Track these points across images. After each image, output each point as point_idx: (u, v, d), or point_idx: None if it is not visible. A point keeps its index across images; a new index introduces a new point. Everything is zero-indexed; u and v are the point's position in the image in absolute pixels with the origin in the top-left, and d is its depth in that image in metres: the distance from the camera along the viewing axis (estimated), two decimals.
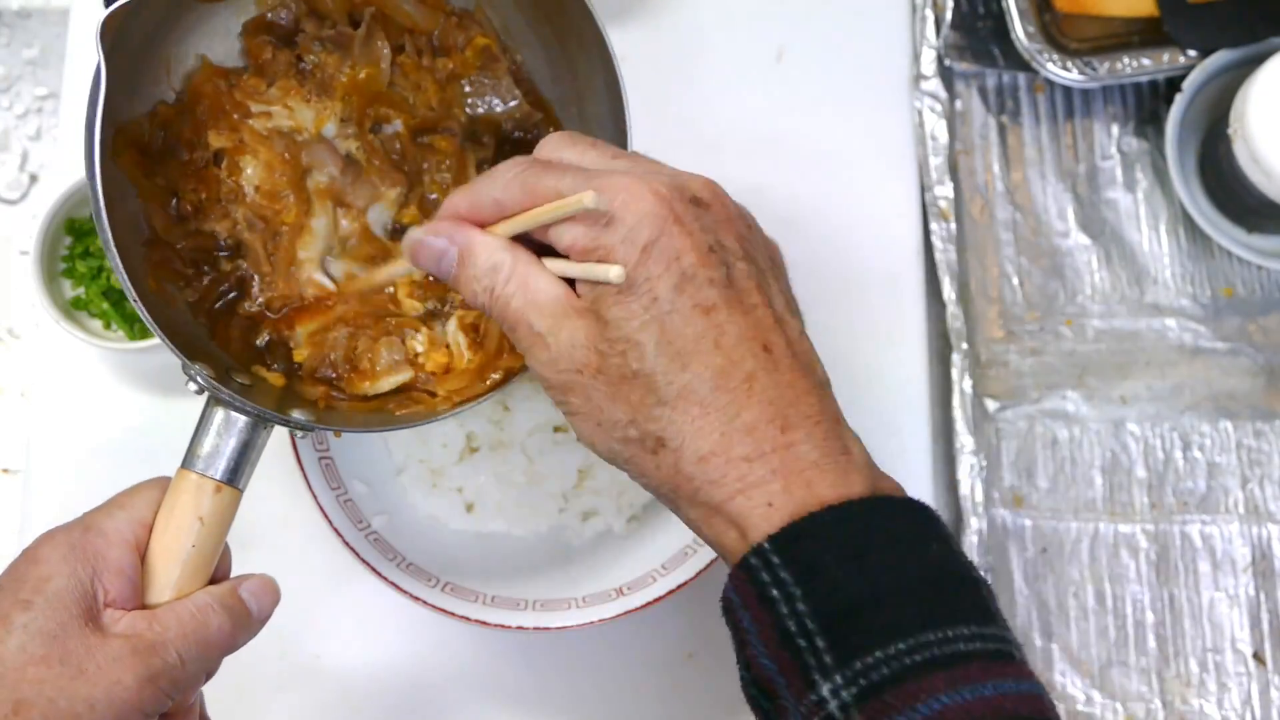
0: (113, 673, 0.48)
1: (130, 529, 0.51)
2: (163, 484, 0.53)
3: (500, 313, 0.49)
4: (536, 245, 0.49)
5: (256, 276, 0.60)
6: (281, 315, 0.61)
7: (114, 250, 0.52)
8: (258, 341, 0.60)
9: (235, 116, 0.60)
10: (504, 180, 0.49)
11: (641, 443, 0.46)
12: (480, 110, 0.63)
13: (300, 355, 0.60)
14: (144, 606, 0.51)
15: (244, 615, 0.53)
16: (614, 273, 0.45)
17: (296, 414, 0.56)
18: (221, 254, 0.60)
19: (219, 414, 0.54)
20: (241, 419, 0.53)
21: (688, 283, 0.45)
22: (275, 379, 0.59)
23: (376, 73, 0.62)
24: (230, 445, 0.53)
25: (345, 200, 0.62)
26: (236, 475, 0.53)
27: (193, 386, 0.54)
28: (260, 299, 0.60)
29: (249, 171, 0.60)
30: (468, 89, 0.63)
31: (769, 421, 0.45)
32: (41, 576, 0.49)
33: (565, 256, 0.48)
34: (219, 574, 0.54)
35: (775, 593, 0.43)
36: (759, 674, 0.44)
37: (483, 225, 0.50)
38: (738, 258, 0.47)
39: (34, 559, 0.49)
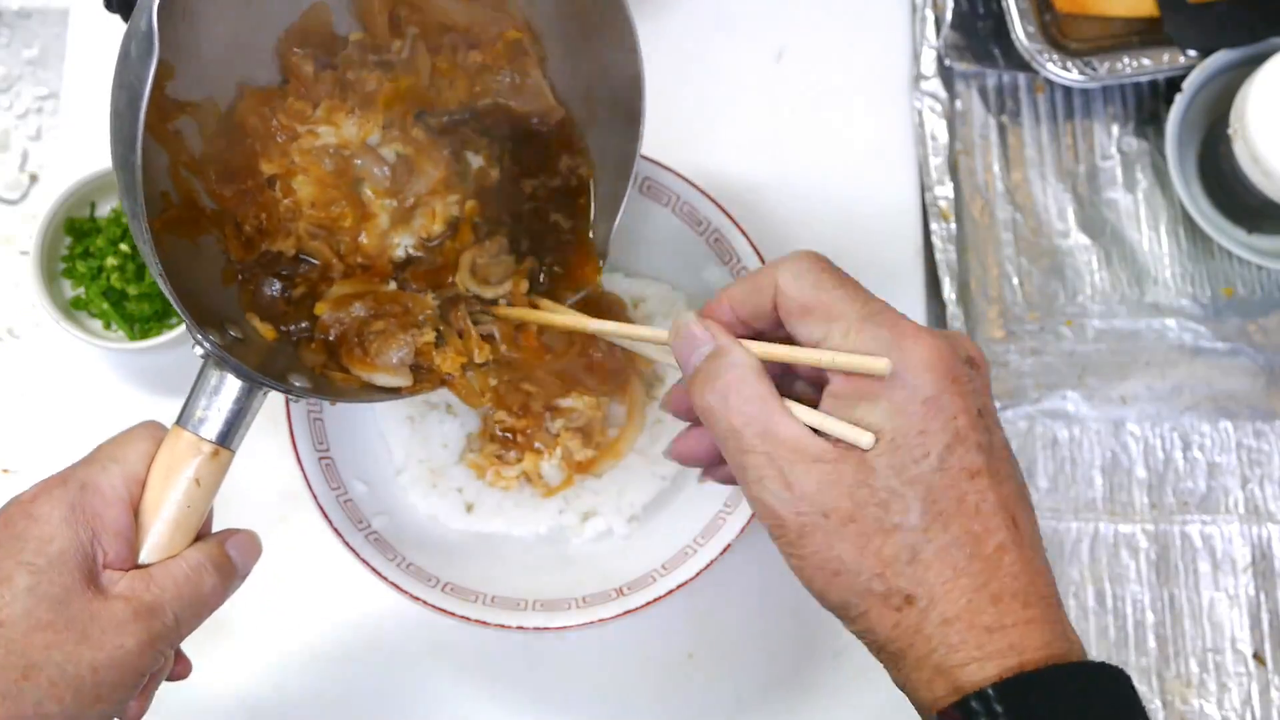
0: (116, 637, 0.49)
1: (125, 486, 0.52)
2: (153, 434, 0.54)
3: (735, 428, 0.47)
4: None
5: (332, 266, 0.62)
6: (325, 276, 0.62)
7: (142, 213, 0.51)
8: (290, 293, 0.61)
9: (283, 140, 0.61)
10: (787, 301, 0.49)
11: (885, 598, 0.45)
12: (509, 103, 0.64)
13: (321, 308, 0.60)
14: (137, 565, 0.52)
15: (231, 572, 0.54)
16: (865, 440, 0.45)
17: (294, 380, 0.57)
18: (292, 266, 0.62)
19: (216, 375, 0.54)
20: (240, 383, 0.54)
21: (959, 444, 0.45)
22: (266, 330, 0.59)
23: (418, 80, 0.62)
24: (227, 407, 0.54)
25: (400, 194, 0.63)
26: (231, 437, 0.54)
27: (199, 350, 0.54)
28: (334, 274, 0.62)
29: (302, 192, 0.61)
30: (504, 80, 0.63)
31: (1013, 596, 0.45)
32: (43, 537, 0.49)
33: (808, 393, 0.49)
34: (201, 530, 0.55)
35: None
36: None
37: (742, 336, 0.50)
38: (995, 423, 0.47)
39: (32, 516, 0.50)
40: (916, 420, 0.45)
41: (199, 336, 0.54)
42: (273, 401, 0.67)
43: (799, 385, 0.51)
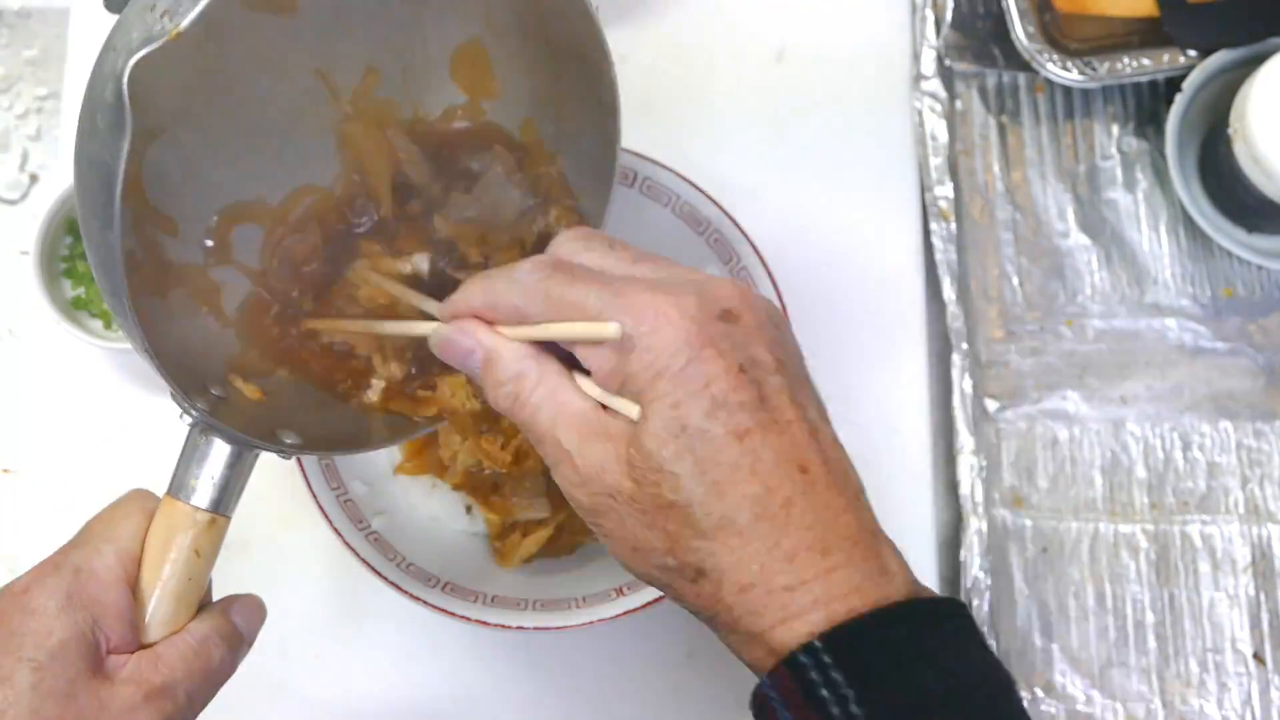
0: None
1: (120, 566, 0.49)
2: (143, 507, 0.52)
3: (526, 422, 0.47)
4: (565, 353, 0.48)
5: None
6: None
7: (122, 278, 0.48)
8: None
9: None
10: (524, 287, 0.47)
11: (680, 572, 0.45)
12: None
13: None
14: (142, 644, 0.50)
15: (239, 640, 0.53)
16: (634, 411, 0.44)
17: (285, 437, 0.54)
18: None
19: (205, 441, 0.52)
20: (230, 446, 0.52)
21: (719, 409, 0.44)
22: (251, 391, 0.56)
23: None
24: (219, 472, 0.52)
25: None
26: (225, 503, 0.52)
27: (187, 419, 0.52)
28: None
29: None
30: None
31: (808, 548, 0.43)
32: (41, 631, 0.47)
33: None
34: (205, 598, 0.53)
35: (825, 693, 0.42)
36: None
37: (497, 324, 0.48)
38: (769, 371, 0.45)
39: (27, 609, 0.48)
40: (668, 394, 0.44)
41: (186, 406, 0.51)
42: None
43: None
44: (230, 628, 0.52)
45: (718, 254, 0.71)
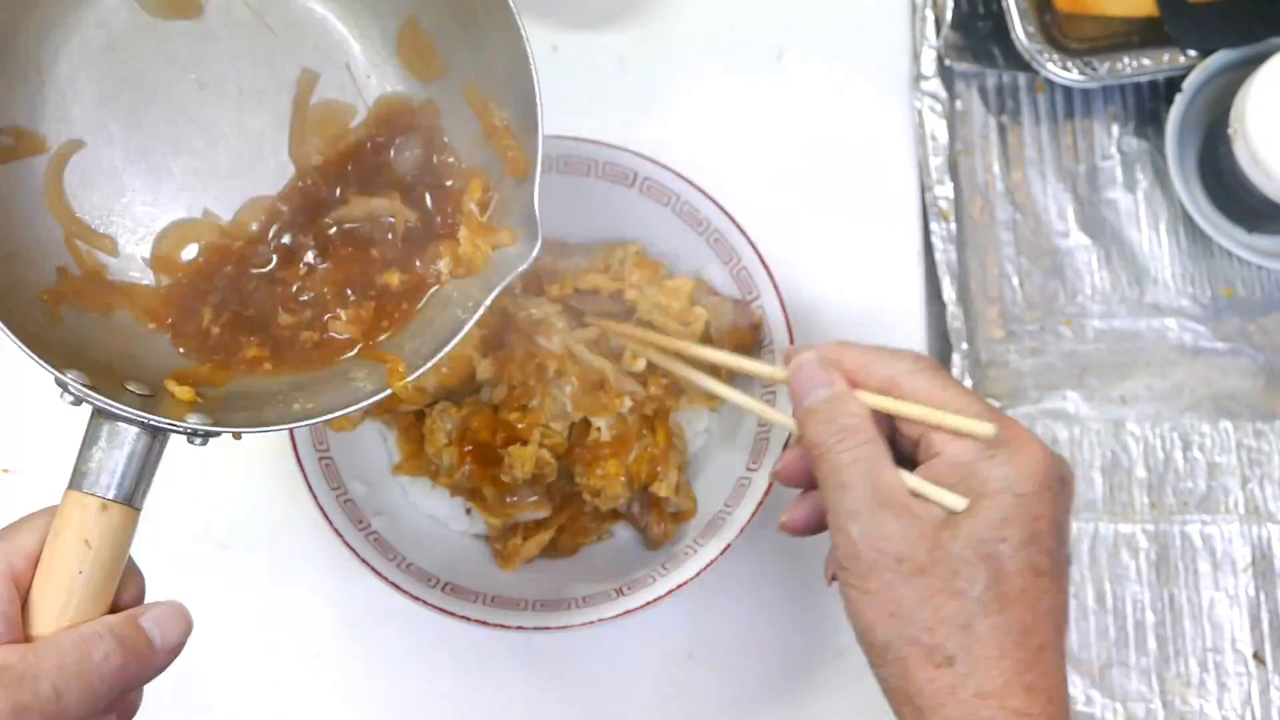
0: None
1: (6, 560, 0.47)
2: (52, 510, 0.49)
3: (838, 464, 0.52)
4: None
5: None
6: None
7: None
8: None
9: None
10: (911, 369, 0.54)
11: (930, 652, 0.49)
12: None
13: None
14: (28, 639, 0.47)
15: (141, 645, 0.49)
16: (960, 504, 0.50)
17: (192, 418, 0.50)
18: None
19: (104, 426, 0.48)
20: (130, 429, 0.48)
21: (1034, 542, 0.49)
22: (184, 394, 0.53)
23: None
24: (118, 459, 0.48)
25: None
26: (129, 491, 0.48)
27: (67, 398, 0.49)
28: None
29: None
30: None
31: (1043, 691, 0.49)
32: None
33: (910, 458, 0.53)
34: (125, 600, 0.50)
35: None
36: None
37: (858, 387, 0.54)
38: (1066, 541, 0.51)
39: None
40: (1005, 509, 0.49)
41: (63, 381, 0.48)
42: None
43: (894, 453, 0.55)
44: (130, 630, 0.48)
45: (718, 254, 0.71)
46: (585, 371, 0.67)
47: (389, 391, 0.54)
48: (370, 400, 0.54)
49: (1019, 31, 0.78)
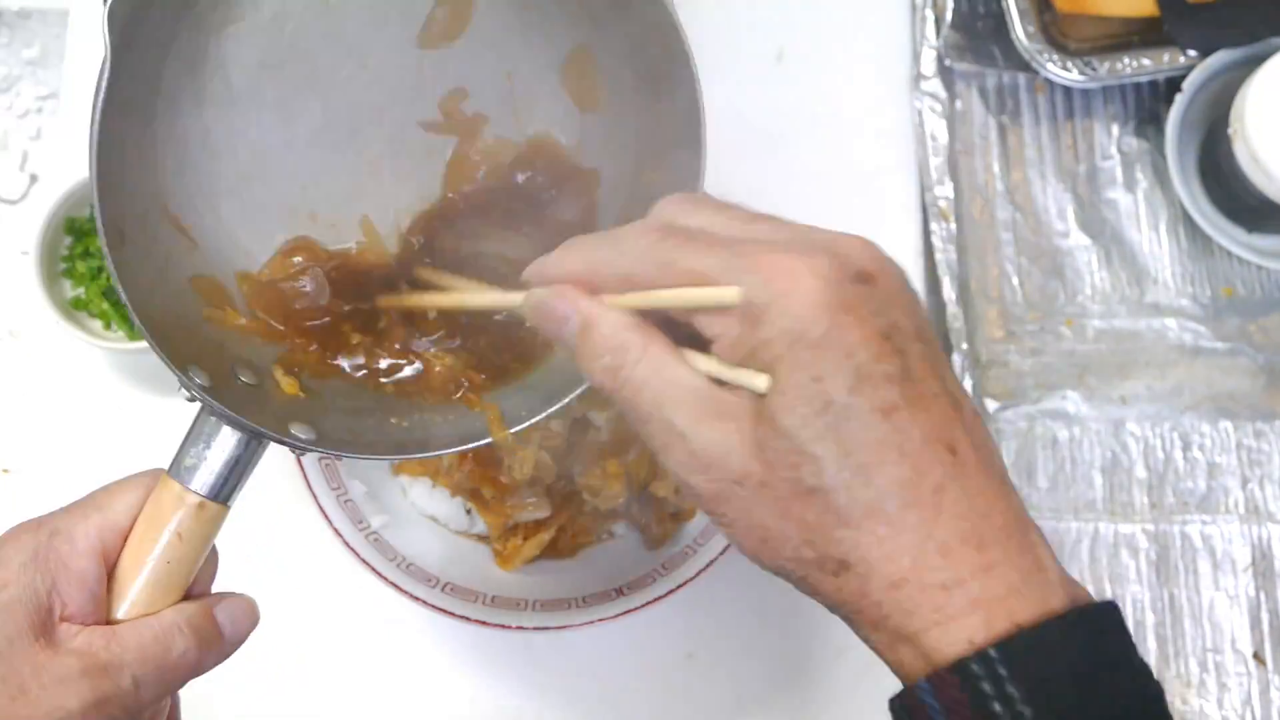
0: (57, 696, 0.44)
1: (100, 536, 0.47)
2: (147, 484, 0.49)
3: (628, 400, 0.43)
4: (663, 323, 0.44)
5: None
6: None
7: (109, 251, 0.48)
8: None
9: None
10: (635, 252, 0.43)
11: (819, 564, 0.41)
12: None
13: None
14: (109, 622, 0.47)
15: (214, 638, 0.49)
16: (762, 382, 0.40)
17: (298, 430, 0.52)
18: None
19: (211, 424, 0.49)
20: (235, 433, 0.49)
21: (864, 382, 0.39)
22: (289, 385, 0.54)
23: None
24: (221, 460, 0.49)
25: None
26: (224, 491, 0.49)
27: (184, 394, 0.50)
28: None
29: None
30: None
31: (963, 541, 0.39)
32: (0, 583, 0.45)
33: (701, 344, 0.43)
34: (198, 588, 0.50)
35: (999, 707, 0.38)
36: None
37: (597, 292, 0.44)
38: (911, 339, 0.40)
39: None
40: (808, 365, 0.39)
41: (185, 379, 0.49)
42: None
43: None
44: (207, 623, 0.49)
45: None
46: None
47: (490, 440, 0.54)
48: (472, 446, 0.55)
49: (1019, 31, 0.78)
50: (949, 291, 0.77)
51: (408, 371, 0.57)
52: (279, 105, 0.55)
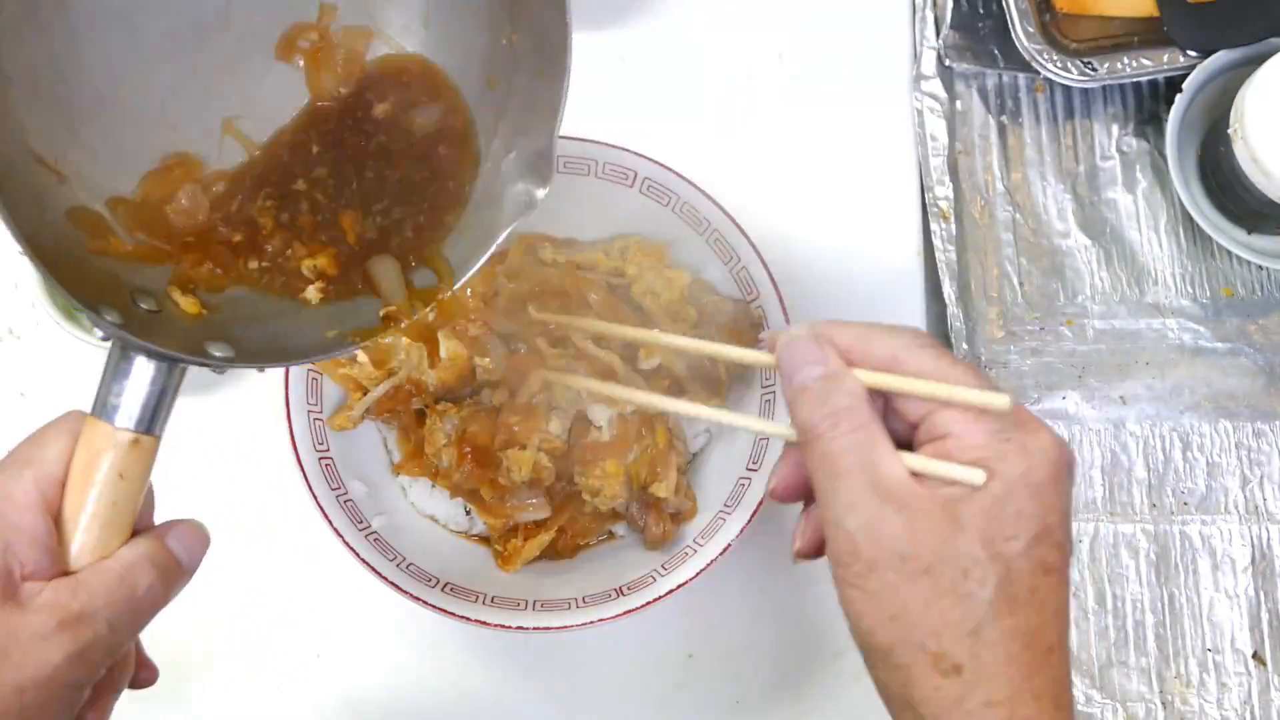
0: (40, 653, 0.44)
1: (39, 489, 0.47)
2: (70, 430, 0.49)
3: (830, 454, 0.47)
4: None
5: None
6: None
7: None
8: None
9: None
10: (911, 345, 0.48)
11: (935, 659, 0.45)
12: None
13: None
14: (66, 572, 0.47)
15: (173, 567, 0.49)
16: (978, 477, 0.45)
17: (214, 349, 0.51)
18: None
19: (126, 358, 0.49)
20: (153, 363, 0.48)
21: (1045, 538, 0.45)
22: (189, 304, 0.53)
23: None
24: (143, 392, 0.48)
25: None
26: (152, 422, 0.48)
27: (99, 333, 0.49)
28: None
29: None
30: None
31: (1051, 697, 0.45)
32: None
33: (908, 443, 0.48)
34: (143, 523, 0.50)
35: None
36: None
37: (854, 364, 0.49)
38: (1070, 534, 0.48)
39: None
40: (1019, 501, 0.45)
41: (92, 318, 0.48)
42: (273, 400, 0.68)
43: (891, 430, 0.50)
44: (164, 554, 0.49)
45: (718, 254, 0.70)
46: (593, 363, 0.67)
47: (431, 309, 0.54)
48: (407, 324, 0.54)
49: (1019, 31, 0.78)
50: (949, 292, 0.77)
51: (308, 265, 0.56)
52: (121, 19, 0.53)
